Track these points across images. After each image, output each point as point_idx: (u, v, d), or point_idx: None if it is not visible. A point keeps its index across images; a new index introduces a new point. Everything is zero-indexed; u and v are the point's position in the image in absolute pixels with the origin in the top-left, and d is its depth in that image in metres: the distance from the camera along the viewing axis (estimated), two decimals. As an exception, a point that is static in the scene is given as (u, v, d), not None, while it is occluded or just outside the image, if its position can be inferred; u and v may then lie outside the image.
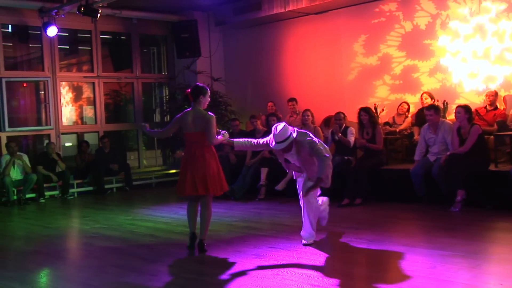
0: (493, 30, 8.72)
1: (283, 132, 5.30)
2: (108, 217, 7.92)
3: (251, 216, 6.58)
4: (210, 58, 12.24)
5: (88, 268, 5.24)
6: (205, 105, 5.53)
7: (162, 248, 5.85)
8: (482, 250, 5.26)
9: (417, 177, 7.54)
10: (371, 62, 10.20)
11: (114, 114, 12.82)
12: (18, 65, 11.53)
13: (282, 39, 11.51)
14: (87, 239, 6.67)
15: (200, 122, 5.37)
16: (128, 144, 12.97)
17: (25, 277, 4.94)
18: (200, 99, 5.47)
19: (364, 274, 4.45)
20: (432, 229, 6.26)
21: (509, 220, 6.45)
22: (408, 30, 9.69)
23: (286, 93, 11.10)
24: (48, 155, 10.25)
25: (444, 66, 9.28)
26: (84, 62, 12.41)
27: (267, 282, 4.37)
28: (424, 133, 7.73)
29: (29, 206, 9.47)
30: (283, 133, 5.30)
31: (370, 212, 7.38)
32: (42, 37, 10.73)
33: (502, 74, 8.67)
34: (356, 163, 8.18)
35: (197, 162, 5.32)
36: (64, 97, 12.02)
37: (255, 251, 5.41)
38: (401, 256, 4.95)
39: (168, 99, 12.51)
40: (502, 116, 8.14)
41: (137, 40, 12.14)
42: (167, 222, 7.35)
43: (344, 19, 10.52)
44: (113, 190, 10.92)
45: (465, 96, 9.00)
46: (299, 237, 5.66)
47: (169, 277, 4.68)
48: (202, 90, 5.47)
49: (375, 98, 10.03)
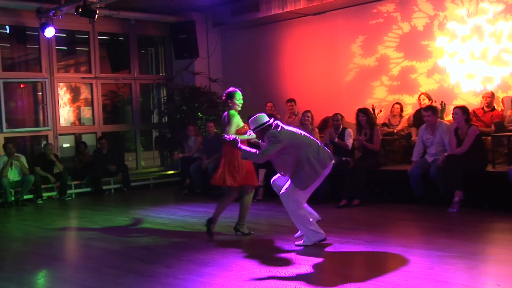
0: (491, 31, 8.73)
1: (256, 119, 5.56)
2: (106, 218, 7.91)
3: (249, 217, 6.56)
4: (208, 59, 12.24)
5: (86, 269, 5.23)
6: (233, 107, 6.12)
7: (160, 249, 5.84)
8: (479, 251, 5.26)
9: (415, 178, 7.55)
10: (369, 63, 10.21)
11: (112, 115, 12.81)
12: (16, 66, 11.52)
13: (280, 40, 11.51)
14: (84, 240, 6.66)
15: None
16: (126, 145, 12.95)
17: (23, 278, 4.93)
18: (228, 103, 6.20)
19: (362, 275, 4.45)
20: (429, 230, 6.27)
21: (506, 221, 6.45)
22: (406, 31, 9.71)
23: (284, 94, 11.11)
24: (46, 156, 10.24)
25: (441, 67, 9.30)
26: (82, 63, 12.40)
27: (265, 283, 4.37)
28: (422, 134, 7.73)
29: (27, 207, 9.45)
30: (256, 120, 5.55)
31: (368, 213, 7.39)
32: (39, 38, 10.72)
33: (500, 75, 8.68)
34: (354, 164, 8.19)
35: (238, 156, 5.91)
36: (62, 98, 12.00)
37: (253, 252, 5.41)
38: (399, 257, 4.95)
39: (166, 100, 12.50)
40: (500, 117, 8.15)
41: (135, 41, 12.14)
42: (165, 223, 7.34)
43: (342, 20, 10.53)
44: (111, 191, 10.91)
45: (463, 97, 9.01)
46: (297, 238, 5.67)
47: (167, 278, 4.67)
48: (228, 95, 6.19)
49: (373, 99, 10.04)
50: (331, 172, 5.65)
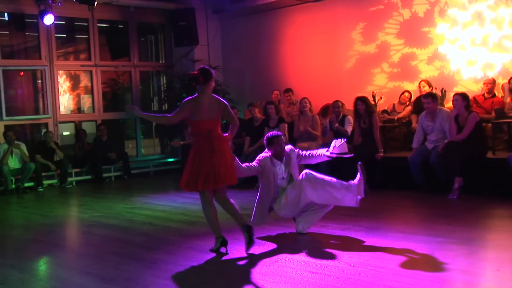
0: (492, 17, 8.69)
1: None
2: (107, 206, 7.94)
3: (249, 204, 6.57)
4: (208, 46, 12.20)
5: (87, 256, 5.25)
6: (212, 90, 5.07)
7: (160, 236, 5.86)
8: (479, 236, 5.29)
9: (415, 165, 7.55)
10: (369, 50, 10.17)
11: (112, 103, 12.79)
12: (15, 54, 11.48)
13: (280, 27, 11.46)
14: (85, 228, 6.69)
15: (216, 108, 4.96)
16: (126, 133, 12.95)
17: (25, 265, 4.96)
18: (210, 83, 4.98)
19: (361, 261, 4.47)
20: (429, 216, 6.29)
21: (506, 207, 6.47)
22: (407, 18, 9.66)
23: (284, 81, 11.08)
24: (46, 144, 10.25)
25: (442, 54, 9.27)
26: (81, 50, 12.36)
27: (265, 269, 4.39)
28: (422, 121, 7.73)
29: (28, 195, 9.48)
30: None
31: (368, 200, 7.34)
32: (39, 25, 10.68)
33: (500, 62, 8.66)
34: (354, 151, 8.16)
35: (215, 153, 4.84)
36: (62, 86, 11.98)
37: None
38: (399, 243, 4.97)
39: (166, 88, 12.48)
40: (500, 103, 8.14)
41: (134, 28, 12.09)
42: (165, 210, 7.36)
43: (342, 6, 10.48)
44: (111, 178, 10.93)
45: (463, 84, 8.99)
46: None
47: (168, 265, 4.69)
48: (211, 73, 4.98)
49: (373, 86, 10.02)
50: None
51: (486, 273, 4.20)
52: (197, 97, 4.93)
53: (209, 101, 4.95)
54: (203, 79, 4.93)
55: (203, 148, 4.86)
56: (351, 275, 4.13)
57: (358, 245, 5.05)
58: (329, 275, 4.16)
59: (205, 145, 4.86)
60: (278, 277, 4.17)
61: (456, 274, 4.10)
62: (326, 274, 4.20)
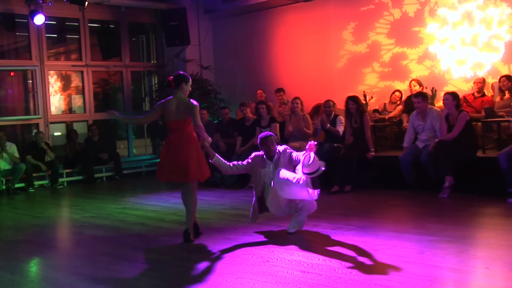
0: (481, 17, 8.75)
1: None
2: (98, 206, 7.92)
3: (241, 203, 6.59)
4: (199, 46, 12.20)
5: (78, 257, 5.24)
6: (186, 93, 5.48)
7: (152, 237, 5.86)
8: (469, 235, 5.32)
9: (406, 164, 7.59)
10: (360, 49, 10.21)
11: (103, 103, 12.74)
12: (5, 54, 11.41)
13: (272, 27, 11.48)
14: (77, 228, 6.67)
15: (183, 110, 5.36)
16: (117, 133, 12.92)
17: (15, 266, 4.94)
18: (182, 86, 5.43)
19: (353, 260, 4.49)
20: (420, 215, 6.32)
21: (496, 206, 6.52)
22: (397, 18, 9.70)
23: (276, 80, 11.10)
24: (37, 144, 10.19)
25: (432, 53, 9.32)
26: (72, 50, 12.31)
27: (257, 269, 4.40)
28: (413, 120, 7.77)
29: (18, 195, 9.43)
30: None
31: (360, 199, 7.43)
32: (29, 25, 10.63)
33: (490, 61, 8.72)
34: (345, 150, 8.21)
35: (177, 149, 5.32)
36: (53, 86, 11.92)
37: (245, 238, 5.44)
38: (390, 242, 5.00)
39: (158, 88, 12.45)
40: (490, 103, 8.20)
41: (125, 28, 12.06)
42: (157, 210, 7.36)
43: (333, 6, 10.51)
44: (103, 179, 10.90)
45: (454, 83, 9.05)
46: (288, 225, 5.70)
47: (160, 265, 4.69)
48: (184, 78, 5.44)
49: (364, 86, 10.05)
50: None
51: (476, 271, 4.22)
52: (168, 100, 5.46)
53: (178, 103, 5.39)
54: (174, 84, 5.44)
55: (166, 144, 5.45)
56: (342, 274, 4.15)
57: (350, 244, 5.07)
58: (320, 275, 4.17)
59: (168, 142, 5.43)
60: (269, 277, 4.18)
61: (446, 272, 4.14)
62: (317, 273, 4.21)
